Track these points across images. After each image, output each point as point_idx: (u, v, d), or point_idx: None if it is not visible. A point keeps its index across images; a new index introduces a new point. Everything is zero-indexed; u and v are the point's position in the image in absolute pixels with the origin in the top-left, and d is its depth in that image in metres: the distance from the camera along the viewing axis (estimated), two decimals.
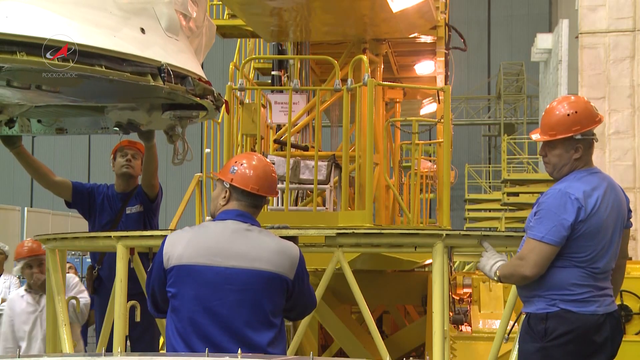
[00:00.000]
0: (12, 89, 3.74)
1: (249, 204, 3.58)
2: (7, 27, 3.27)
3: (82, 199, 5.82)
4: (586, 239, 3.68)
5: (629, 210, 3.92)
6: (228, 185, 3.57)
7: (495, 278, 3.92)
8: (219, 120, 7.69)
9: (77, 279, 6.71)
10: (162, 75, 3.76)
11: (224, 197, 3.59)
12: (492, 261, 3.97)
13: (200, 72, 4.12)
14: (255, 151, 7.18)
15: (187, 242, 3.48)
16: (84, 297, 6.33)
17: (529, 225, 3.78)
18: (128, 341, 5.63)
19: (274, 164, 7.07)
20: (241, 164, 3.58)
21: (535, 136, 3.90)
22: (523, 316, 3.90)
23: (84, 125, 4.96)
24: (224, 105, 4.46)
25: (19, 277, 9.05)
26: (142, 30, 3.78)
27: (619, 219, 3.79)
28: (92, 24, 3.56)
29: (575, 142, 3.79)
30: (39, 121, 4.91)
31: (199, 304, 3.40)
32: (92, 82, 3.74)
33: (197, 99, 4.08)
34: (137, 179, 5.88)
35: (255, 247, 3.47)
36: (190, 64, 4.06)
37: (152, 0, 3.86)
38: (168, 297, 3.49)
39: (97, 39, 3.52)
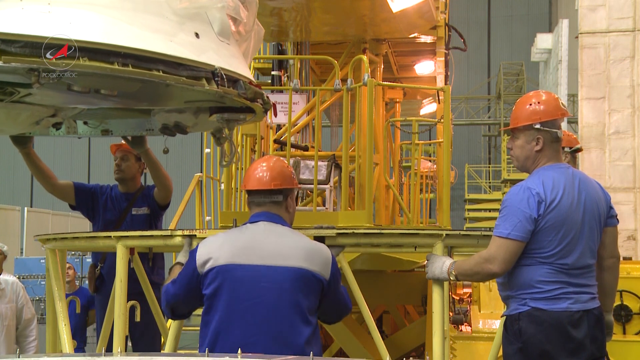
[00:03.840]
0: (72, 93, 3.80)
1: (255, 203, 3.66)
2: (70, 33, 3.34)
3: (86, 199, 5.82)
4: (547, 234, 3.67)
5: (611, 208, 3.91)
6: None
7: (452, 278, 3.90)
8: None
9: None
10: (215, 79, 3.80)
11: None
12: (440, 262, 3.96)
13: (250, 75, 4.16)
14: (254, 151, 7.18)
15: (221, 244, 3.53)
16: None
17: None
18: (129, 341, 5.64)
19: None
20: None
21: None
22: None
23: (129, 127, 4.99)
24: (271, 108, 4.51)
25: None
26: (197, 34, 3.82)
27: (588, 214, 3.76)
28: (150, 29, 3.62)
29: (535, 132, 3.81)
30: (84, 123, 4.96)
31: (237, 302, 3.43)
32: (147, 86, 3.80)
33: (248, 102, 4.12)
34: (136, 180, 5.87)
35: (289, 246, 3.52)
36: (241, 67, 4.10)
37: (205, 5, 3.90)
38: (203, 300, 3.51)
39: (155, 44, 3.58)
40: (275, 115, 5.95)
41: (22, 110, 4.28)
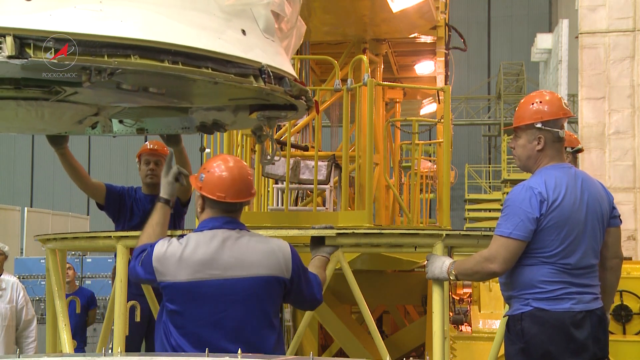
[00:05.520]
0: (118, 91, 3.78)
1: (224, 209, 3.52)
2: (121, 31, 3.34)
3: (114, 201, 5.85)
4: (549, 233, 3.66)
5: (614, 208, 3.91)
6: (199, 194, 3.55)
7: (451, 277, 3.90)
8: None
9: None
10: (262, 76, 3.75)
11: (200, 204, 3.58)
12: (439, 262, 3.96)
13: (294, 72, 4.12)
14: (254, 151, 7.18)
15: (179, 259, 3.42)
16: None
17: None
18: (144, 342, 5.66)
19: (273, 164, 7.07)
20: (208, 171, 3.55)
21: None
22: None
23: (165, 125, 4.95)
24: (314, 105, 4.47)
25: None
26: (243, 31, 3.78)
27: (590, 214, 3.75)
28: (198, 26, 3.60)
29: (537, 131, 3.81)
30: (120, 122, 4.93)
31: (203, 319, 3.38)
32: (193, 84, 3.78)
33: (293, 100, 4.09)
34: None
35: (249, 253, 3.45)
36: (286, 64, 4.07)
37: (251, 1, 3.87)
38: (167, 311, 3.46)
39: (203, 41, 3.56)
40: (318, 112, 5.89)
41: (67, 110, 4.24)
